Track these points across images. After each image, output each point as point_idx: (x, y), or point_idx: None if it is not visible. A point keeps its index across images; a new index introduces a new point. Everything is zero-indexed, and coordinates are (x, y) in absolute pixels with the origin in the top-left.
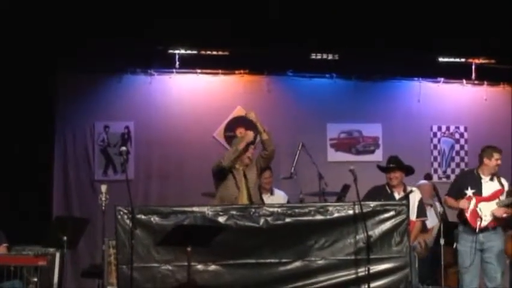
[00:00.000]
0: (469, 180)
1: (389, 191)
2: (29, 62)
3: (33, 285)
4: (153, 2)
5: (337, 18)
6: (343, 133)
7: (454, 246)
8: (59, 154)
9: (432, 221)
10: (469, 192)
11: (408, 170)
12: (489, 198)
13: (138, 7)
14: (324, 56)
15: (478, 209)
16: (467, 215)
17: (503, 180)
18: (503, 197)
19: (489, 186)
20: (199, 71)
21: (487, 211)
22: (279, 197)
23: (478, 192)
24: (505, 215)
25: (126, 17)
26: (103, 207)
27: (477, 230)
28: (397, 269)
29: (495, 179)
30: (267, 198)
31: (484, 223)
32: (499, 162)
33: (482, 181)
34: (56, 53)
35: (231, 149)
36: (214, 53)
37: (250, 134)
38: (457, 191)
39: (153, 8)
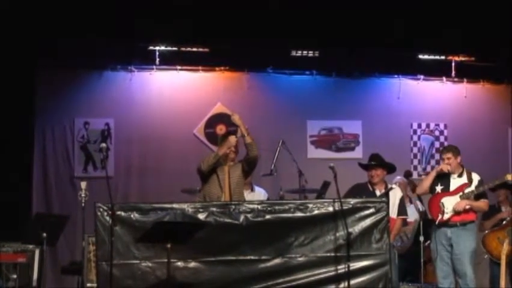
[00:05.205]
0: (440, 177)
1: (370, 189)
2: (9, 58)
3: (13, 282)
4: None
5: (317, 16)
6: (323, 130)
7: (427, 243)
8: (39, 150)
9: (411, 214)
10: (438, 188)
11: (390, 168)
12: (452, 193)
13: (119, 3)
14: (305, 53)
15: (440, 204)
16: (431, 209)
17: (473, 175)
18: (468, 190)
19: (456, 182)
20: (179, 67)
21: (450, 205)
22: (259, 194)
23: (446, 188)
24: (467, 207)
25: (106, 14)
26: (83, 204)
27: (437, 222)
28: (377, 266)
29: (464, 175)
30: (247, 195)
31: (446, 216)
32: (446, 161)
33: (451, 178)
34: (36, 49)
35: (212, 153)
36: (195, 49)
37: (232, 139)
38: (430, 188)
39: (133, 4)
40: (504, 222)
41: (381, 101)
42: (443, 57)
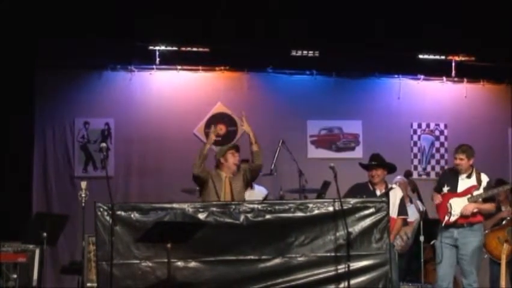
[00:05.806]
0: (447, 177)
1: (371, 189)
2: (9, 58)
3: (13, 281)
4: None
5: (318, 16)
6: (323, 130)
7: (431, 243)
8: (39, 150)
9: (412, 214)
10: (445, 189)
11: (391, 168)
12: (460, 195)
13: (119, 3)
14: (305, 53)
15: (448, 205)
16: (438, 210)
17: (482, 177)
18: (476, 193)
19: (465, 183)
20: (179, 67)
21: (457, 207)
22: (259, 191)
23: (453, 189)
24: (475, 210)
25: (106, 14)
26: (83, 204)
27: (443, 224)
28: (377, 265)
29: (473, 176)
30: (247, 193)
31: (453, 218)
32: (457, 162)
33: (459, 178)
34: (35, 49)
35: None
36: (195, 49)
37: (211, 138)
38: (438, 188)
39: (133, 4)
40: (504, 221)
41: (381, 101)
42: (443, 57)
